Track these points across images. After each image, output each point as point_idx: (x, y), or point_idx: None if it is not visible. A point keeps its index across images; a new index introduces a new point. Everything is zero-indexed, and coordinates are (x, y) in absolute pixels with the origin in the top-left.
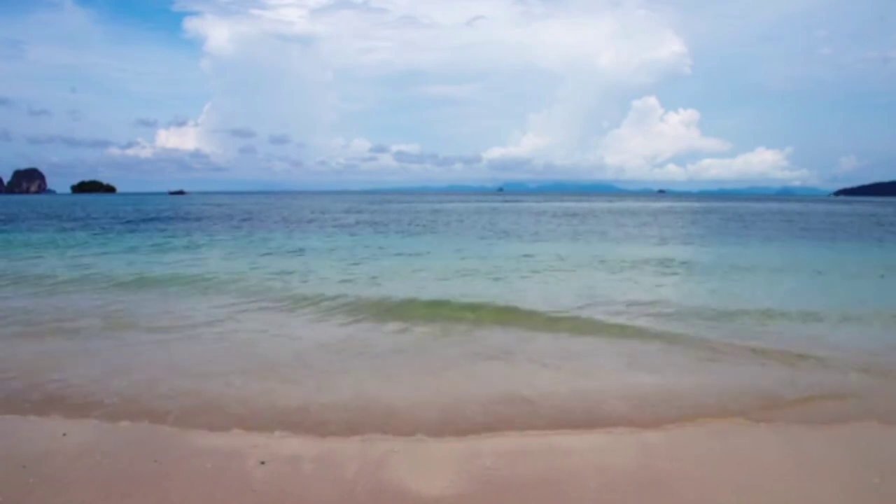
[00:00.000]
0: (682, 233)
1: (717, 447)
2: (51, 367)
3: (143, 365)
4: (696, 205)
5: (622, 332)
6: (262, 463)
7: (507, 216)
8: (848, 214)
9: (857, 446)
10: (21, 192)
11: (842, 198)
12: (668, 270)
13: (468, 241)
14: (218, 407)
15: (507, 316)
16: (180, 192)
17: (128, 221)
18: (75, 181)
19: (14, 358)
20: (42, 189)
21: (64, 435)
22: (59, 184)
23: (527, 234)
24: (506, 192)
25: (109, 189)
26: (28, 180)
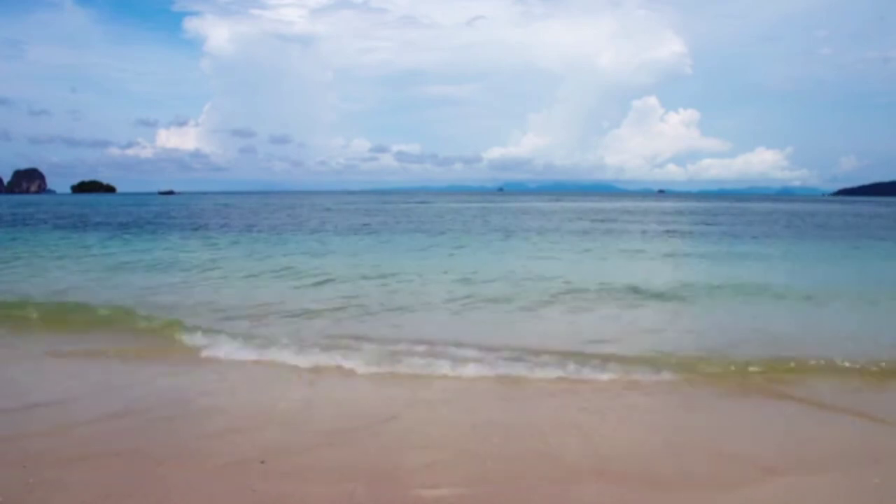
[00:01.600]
0: (700, 240)
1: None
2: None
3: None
4: (699, 205)
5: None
6: (262, 462)
7: (516, 218)
8: (862, 215)
9: None
10: (21, 192)
11: (840, 198)
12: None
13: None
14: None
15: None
16: (170, 193)
17: (128, 224)
18: (75, 181)
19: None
20: (42, 189)
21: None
22: (59, 184)
23: (542, 244)
24: (506, 191)
25: (109, 189)
26: (28, 180)
